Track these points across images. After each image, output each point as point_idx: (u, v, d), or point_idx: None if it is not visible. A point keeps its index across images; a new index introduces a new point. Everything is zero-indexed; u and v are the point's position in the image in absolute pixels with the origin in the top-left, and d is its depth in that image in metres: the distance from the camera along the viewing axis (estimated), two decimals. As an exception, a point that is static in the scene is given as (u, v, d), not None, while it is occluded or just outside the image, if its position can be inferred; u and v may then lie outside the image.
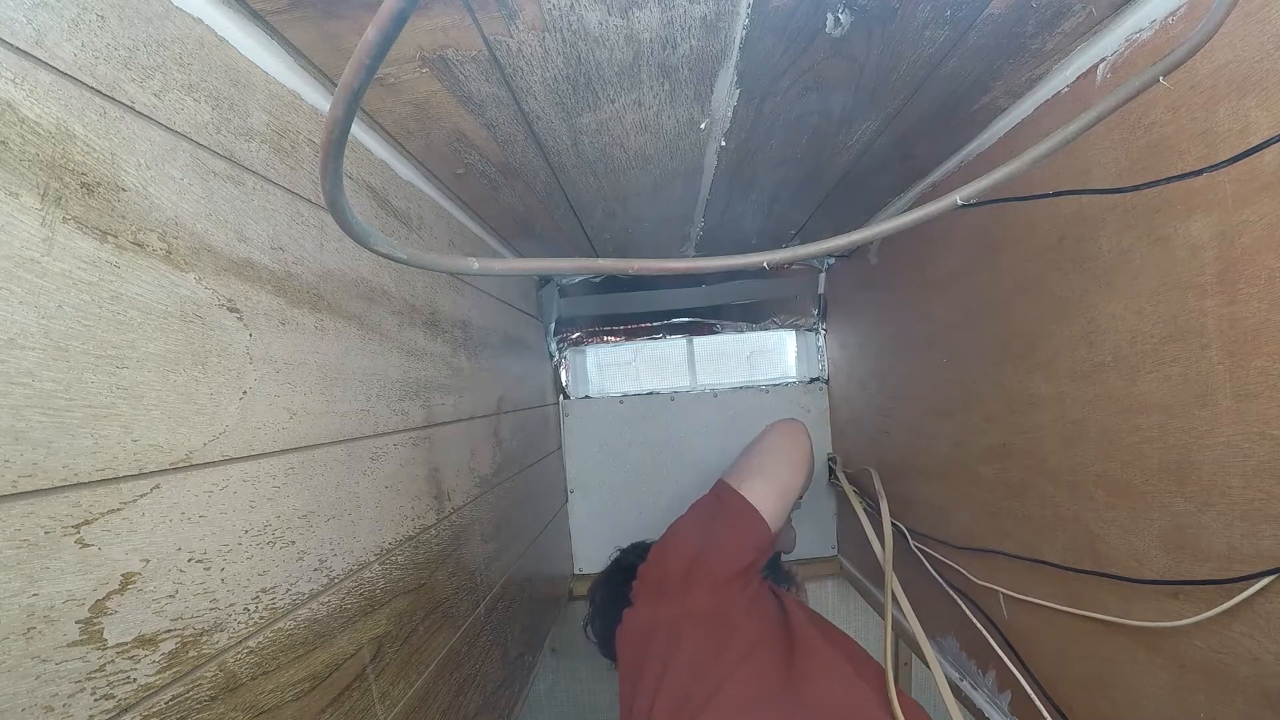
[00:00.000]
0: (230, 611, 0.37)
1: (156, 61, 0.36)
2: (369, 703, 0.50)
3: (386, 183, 0.63)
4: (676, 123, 0.63)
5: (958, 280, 0.80)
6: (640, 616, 0.76)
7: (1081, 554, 0.60)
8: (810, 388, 1.41)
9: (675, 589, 0.74)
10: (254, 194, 0.43)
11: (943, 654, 0.89)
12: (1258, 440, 0.42)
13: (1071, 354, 0.59)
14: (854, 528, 1.12)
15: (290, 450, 0.44)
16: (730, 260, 0.41)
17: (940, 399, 0.88)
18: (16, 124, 0.28)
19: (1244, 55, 0.41)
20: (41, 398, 0.28)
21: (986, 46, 0.53)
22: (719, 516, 0.79)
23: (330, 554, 0.48)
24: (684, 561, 0.76)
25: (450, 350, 0.76)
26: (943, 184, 0.83)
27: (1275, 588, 0.42)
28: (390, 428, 0.59)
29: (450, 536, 0.70)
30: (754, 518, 0.76)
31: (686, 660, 0.68)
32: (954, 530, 0.84)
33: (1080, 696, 0.62)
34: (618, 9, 0.44)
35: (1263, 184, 0.40)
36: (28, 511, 0.27)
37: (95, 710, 0.29)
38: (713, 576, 0.73)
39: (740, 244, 1.18)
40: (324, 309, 0.50)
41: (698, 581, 0.73)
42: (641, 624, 0.75)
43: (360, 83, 0.24)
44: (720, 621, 0.70)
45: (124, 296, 0.32)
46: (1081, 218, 0.57)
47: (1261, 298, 0.41)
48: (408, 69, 0.49)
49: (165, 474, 0.34)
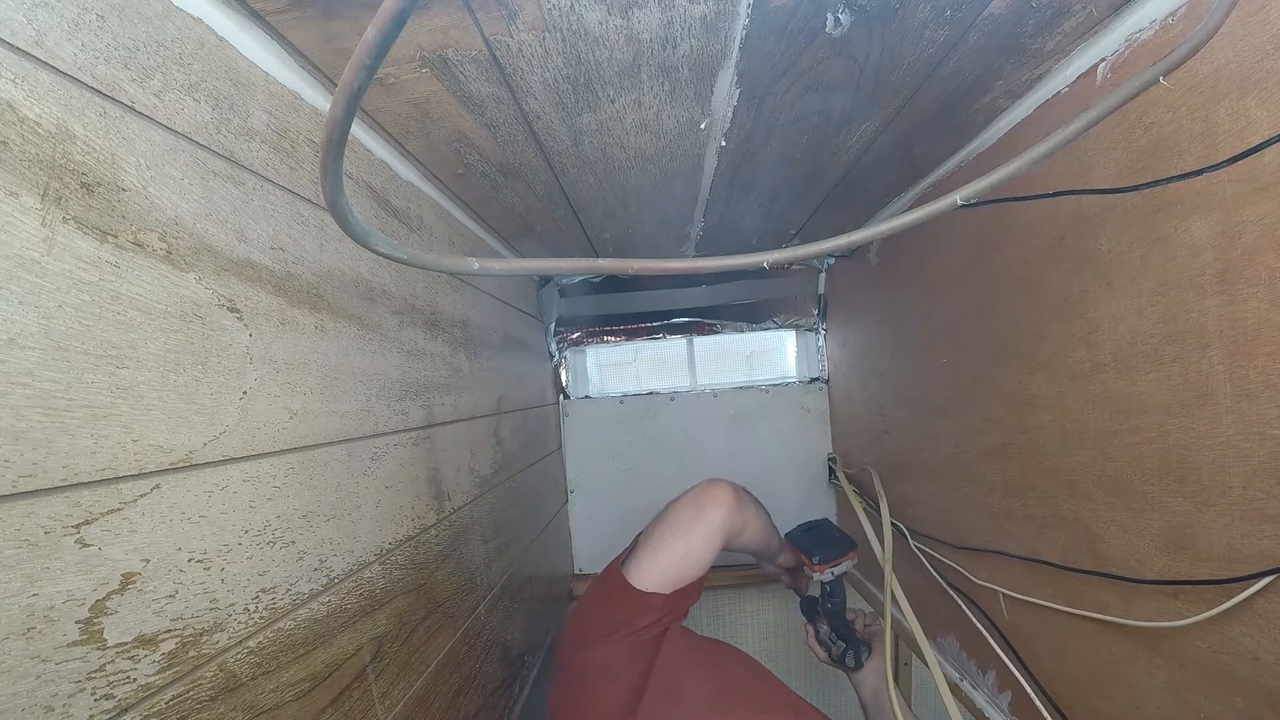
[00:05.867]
0: (230, 611, 0.37)
1: (156, 61, 0.36)
2: (369, 703, 0.50)
3: (386, 183, 0.63)
4: (676, 123, 0.63)
5: (958, 280, 0.80)
6: (550, 684, 0.81)
7: (1081, 554, 0.60)
8: (810, 388, 1.41)
9: (574, 647, 0.79)
10: (254, 194, 0.43)
11: (942, 654, 0.89)
12: (1258, 440, 0.42)
13: (1071, 354, 0.59)
14: (854, 528, 1.12)
15: (290, 450, 0.44)
16: (730, 260, 0.41)
17: (940, 399, 0.88)
18: (16, 124, 0.28)
19: (1244, 55, 0.41)
20: (41, 398, 0.28)
21: (986, 46, 0.53)
22: (609, 596, 0.83)
23: (330, 554, 0.48)
24: (587, 623, 0.82)
25: (450, 350, 0.76)
26: (943, 184, 0.83)
27: (1275, 588, 0.42)
28: (390, 428, 0.59)
29: (450, 536, 0.70)
30: (637, 598, 0.79)
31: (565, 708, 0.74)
32: (954, 530, 0.84)
33: (1080, 696, 0.62)
34: (618, 9, 0.44)
35: (1263, 184, 0.40)
36: (28, 511, 0.27)
37: (95, 710, 0.29)
38: (602, 638, 0.78)
39: (740, 244, 1.18)
40: (324, 309, 0.50)
41: (590, 643, 0.78)
42: (549, 691, 0.80)
43: (360, 83, 0.24)
44: (600, 670, 0.75)
45: (124, 296, 0.32)
46: (1081, 218, 0.57)
47: (1261, 298, 0.41)
48: (408, 69, 0.49)
49: (165, 474, 0.34)
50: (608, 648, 0.75)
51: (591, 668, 0.75)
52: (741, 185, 0.83)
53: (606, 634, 0.76)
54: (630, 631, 0.76)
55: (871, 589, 1.16)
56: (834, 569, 0.92)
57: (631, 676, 0.72)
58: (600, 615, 0.80)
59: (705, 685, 0.72)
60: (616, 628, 0.76)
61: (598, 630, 0.78)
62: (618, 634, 0.76)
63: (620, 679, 0.72)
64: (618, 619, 0.77)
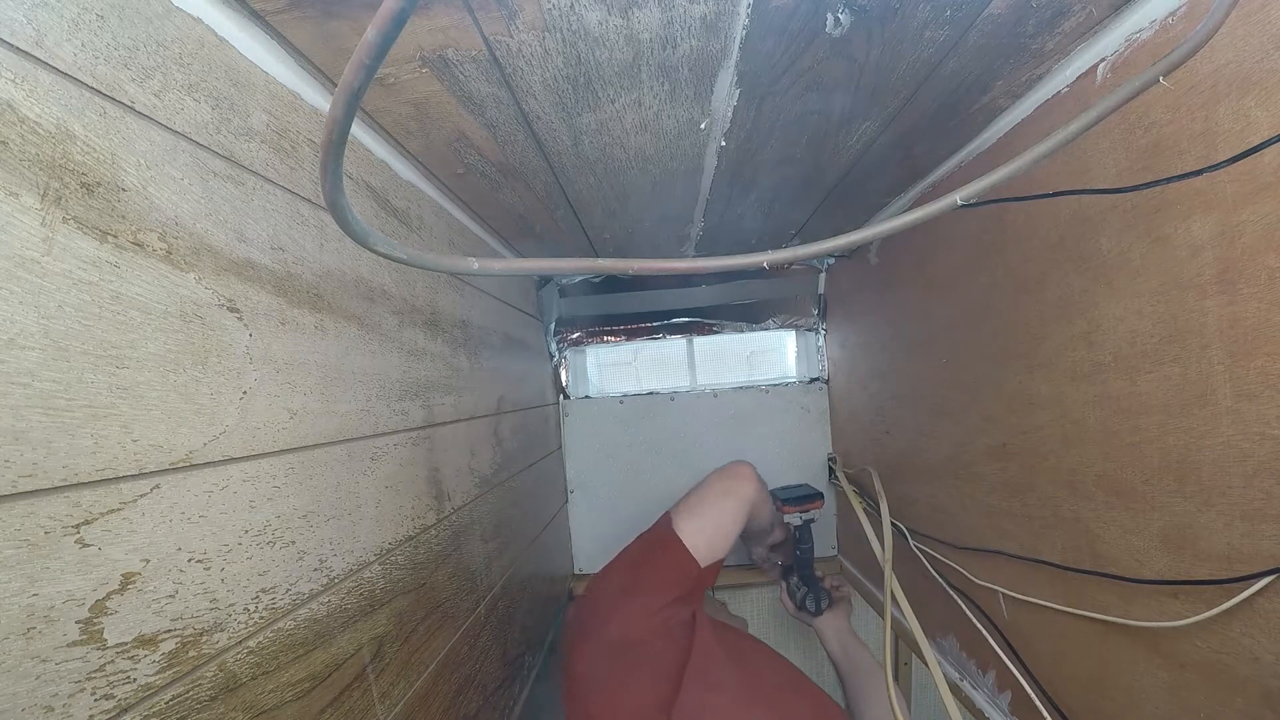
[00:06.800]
0: (230, 611, 0.37)
1: (156, 61, 0.36)
2: (369, 703, 0.50)
3: (386, 183, 0.63)
4: (676, 123, 0.63)
5: (958, 280, 0.80)
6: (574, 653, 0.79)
7: (1081, 554, 0.60)
8: (810, 388, 1.41)
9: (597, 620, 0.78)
10: (254, 194, 0.43)
11: (942, 654, 0.89)
12: (1258, 440, 0.42)
13: (1071, 354, 0.59)
14: (854, 528, 1.12)
15: (290, 450, 0.44)
16: (730, 260, 0.41)
17: (940, 399, 0.88)
18: (16, 124, 0.28)
19: (1244, 55, 0.41)
20: (41, 398, 0.28)
21: (986, 46, 0.53)
22: (654, 555, 0.86)
23: (330, 554, 0.48)
24: (608, 595, 0.82)
25: (450, 350, 0.76)
26: (943, 184, 0.83)
27: (1275, 588, 0.42)
28: (390, 428, 0.59)
29: (450, 536, 0.70)
30: (685, 558, 0.83)
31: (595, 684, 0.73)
32: (954, 530, 0.84)
33: (1080, 696, 0.62)
34: (618, 9, 0.44)
35: (1263, 184, 0.40)
36: (28, 511, 0.27)
37: (95, 710, 0.29)
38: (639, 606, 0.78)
39: (740, 244, 1.18)
40: (324, 309, 0.50)
41: (620, 611, 0.77)
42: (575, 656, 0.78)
43: (360, 83, 0.24)
44: (637, 646, 0.74)
45: (124, 296, 0.32)
46: (1081, 218, 0.57)
47: (1261, 298, 0.41)
48: (408, 69, 0.49)
49: (165, 474, 0.34)
50: (641, 619, 0.74)
51: (620, 645, 0.73)
52: (741, 185, 0.83)
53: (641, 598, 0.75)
54: (665, 602, 0.76)
55: (871, 589, 1.16)
56: (802, 514, 1.10)
57: (666, 662, 0.71)
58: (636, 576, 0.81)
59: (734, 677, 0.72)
60: (652, 591, 0.76)
61: (632, 595, 0.77)
62: (653, 601, 0.75)
63: (652, 663, 0.71)
64: (656, 578, 0.78)
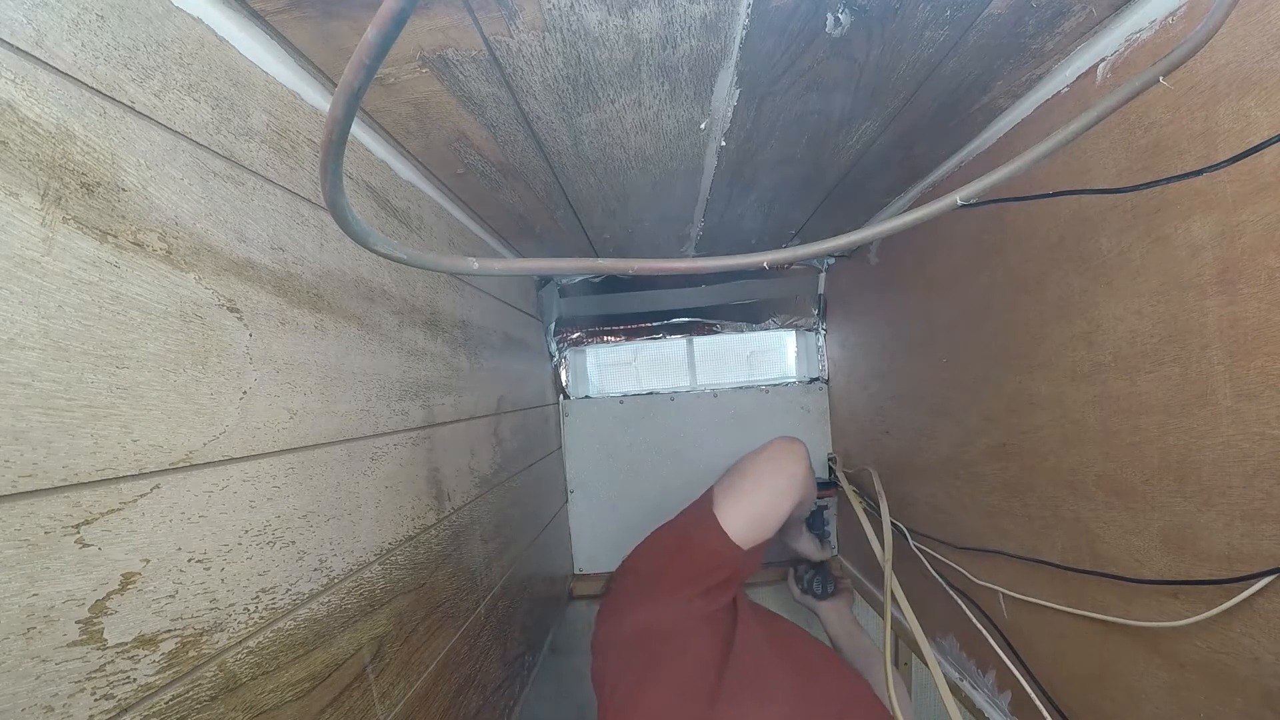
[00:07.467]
0: (230, 611, 0.37)
1: (156, 61, 0.36)
2: (369, 703, 0.50)
3: (386, 183, 0.63)
4: (676, 123, 0.63)
5: (958, 280, 0.80)
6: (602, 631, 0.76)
7: (1081, 554, 0.60)
8: (810, 388, 1.41)
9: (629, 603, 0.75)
10: (254, 194, 0.43)
11: (942, 654, 0.89)
12: (1258, 440, 0.42)
13: (1071, 354, 0.59)
14: (854, 528, 1.11)
15: (290, 450, 0.44)
16: (730, 260, 0.41)
17: (940, 399, 0.88)
18: (16, 124, 0.28)
19: (1244, 55, 0.41)
20: (41, 398, 0.28)
21: (986, 46, 0.53)
22: (689, 538, 0.79)
23: (330, 554, 0.48)
24: (642, 579, 0.77)
25: (450, 350, 0.76)
26: (943, 184, 0.83)
27: (1275, 588, 0.42)
28: (390, 428, 0.59)
29: (450, 536, 0.70)
30: (722, 543, 0.76)
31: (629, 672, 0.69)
32: (954, 530, 0.84)
33: (1080, 696, 0.62)
34: (618, 9, 0.44)
35: (1263, 184, 0.40)
36: (28, 511, 0.27)
37: (95, 710, 0.29)
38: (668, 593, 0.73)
39: (740, 244, 1.18)
40: (324, 309, 0.50)
41: (650, 597, 0.73)
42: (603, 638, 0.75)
43: (360, 83, 0.24)
44: (666, 637, 0.70)
45: (124, 296, 0.32)
46: (1081, 218, 0.57)
47: (1261, 298, 0.41)
48: (408, 69, 0.49)
49: (165, 474, 0.34)
50: (676, 606, 0.69)
51: (653, 635, 0.69)
52: (741, 185, 0.83)
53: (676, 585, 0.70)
54: (703, 589, 0.70)
55: (871, 589, 1.16)
56: (816, 500, 1.23)
57: (706, 652, 0.67)
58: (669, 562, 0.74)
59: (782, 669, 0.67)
60: (689, 579, 0.71)
61: (666, 580, 0.72)
62: (688, 588, 0.70)
63: (691, 653, 0.67)
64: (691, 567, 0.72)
